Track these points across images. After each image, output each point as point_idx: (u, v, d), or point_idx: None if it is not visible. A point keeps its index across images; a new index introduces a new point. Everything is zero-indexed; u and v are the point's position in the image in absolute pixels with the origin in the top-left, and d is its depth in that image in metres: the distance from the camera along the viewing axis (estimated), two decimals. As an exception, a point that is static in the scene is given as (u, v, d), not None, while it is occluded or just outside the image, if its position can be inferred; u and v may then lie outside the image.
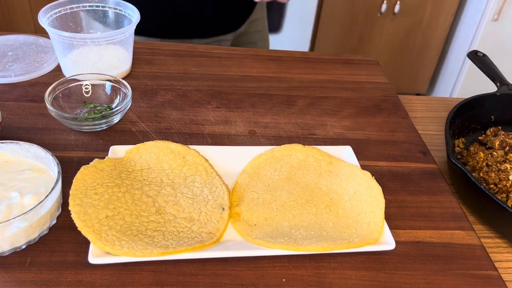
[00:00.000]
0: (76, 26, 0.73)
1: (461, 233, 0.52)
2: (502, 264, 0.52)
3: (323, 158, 0.58)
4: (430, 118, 0.76)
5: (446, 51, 2.30)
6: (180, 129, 0.63)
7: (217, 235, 0.47)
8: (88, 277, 0.43)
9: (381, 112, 0.72)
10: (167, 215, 0.48)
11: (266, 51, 0.86)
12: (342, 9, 2.08)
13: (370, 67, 0.84)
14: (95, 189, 0.47)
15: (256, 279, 0.45)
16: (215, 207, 0.49)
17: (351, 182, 0.54)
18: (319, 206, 0.52)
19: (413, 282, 0.46)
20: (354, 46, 2.20)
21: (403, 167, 0.61)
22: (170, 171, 0.53)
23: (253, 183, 0.54)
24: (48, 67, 0.72)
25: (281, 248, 0.45)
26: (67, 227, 0.47)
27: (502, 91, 0.70)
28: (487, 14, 1.96)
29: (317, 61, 0.84)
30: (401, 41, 2.20)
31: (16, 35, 0.79)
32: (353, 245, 0.46)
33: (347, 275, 0.46)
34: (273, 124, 0.66)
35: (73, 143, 0.58)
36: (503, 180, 0.58)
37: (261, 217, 0.50)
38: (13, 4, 1.97)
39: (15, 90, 0.67)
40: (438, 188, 0.58)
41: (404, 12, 2.10)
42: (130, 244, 0.43)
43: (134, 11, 0.71)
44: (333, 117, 0.69)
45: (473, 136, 0.70)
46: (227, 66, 0.79)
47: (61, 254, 0.45)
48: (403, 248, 0.50)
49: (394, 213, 0.54)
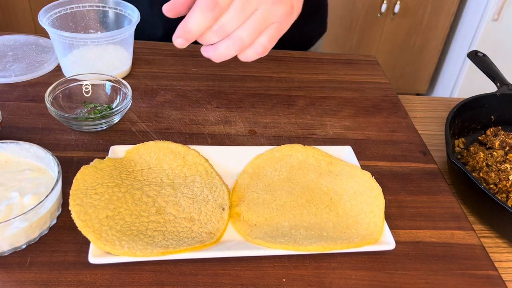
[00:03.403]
0: (76, 26, 0.73)
1: (461, 233, 0.52)
2: (502, 264, 0.52)
3: (323, 158, 0.58)
4: (430, 118, 0.76)
5: (446, 51, 2.30)
6: (180, 129, 0.63)
7: (217, 235, 0.47)
8: (88, 277, 0.43)
9: (381, 112, 0.72)
10: (167, 215, 0.48)
11: (266, 51, 0.86)
12: (342, 9, 2.08)
13: (370, 67, 0.84)
14: (95, 189, 0.47)
15: (256, 279, 0.45)
16: (215, 207, 0.49)
17: (351, 182, 0.54)
18: (319, 206, 0.52)
19: (413, 282, 0.46)
20: (354, 46, 2.20)
21: (403, 167, 0.61)
22: (170, 171, 0.53)
23: (253, 183, 0.54)
24: (48, 67, 0.72)
25: (281, 248, 0.45)
26: (67, 227, 0.47)
27: (502, 91, 0.70)
28: (487, 14, 1.96)
29: (317, 61, 0.84)
30: (401, 41, 2.20)
31: (16, 35, 0.79)
32: (353, 245, 0.46)
33: (347, 275, 0.46)
34: (273, 124, 0.66)
35: (73, 143, 0.58)
36: (503, 180, 0.58)
37: (261, 217, 0.50)
38: (13, 4, 1.97)
39: (15, 90, 0.67)
40: (438, 188, 0.58)
41: (404, 12, 2.10)
42: (130, 244, 0.43)
43: (134, 11, 0.71)
44: (333, 117, 0.69)
45: (473, 136, 0.70)
46: (227, 66, 0.79)
47: (61, 254, 0.45)
48: (403, 248, 0.50)
49: (394, 213, 0.54)
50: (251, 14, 0.46)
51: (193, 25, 0.45)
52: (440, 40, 2.20)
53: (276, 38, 0.50)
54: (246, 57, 0.50)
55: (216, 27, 0.46)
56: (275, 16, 0.48)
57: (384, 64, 2.16)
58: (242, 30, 0.47)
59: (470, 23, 2.09)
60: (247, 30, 0.47)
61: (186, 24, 0.45)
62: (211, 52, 0.49)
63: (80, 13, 0.73)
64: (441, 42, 2.21)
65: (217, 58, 0.49)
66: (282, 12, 0.48)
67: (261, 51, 0.49)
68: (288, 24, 0.50)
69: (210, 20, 0.45)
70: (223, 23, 0.46)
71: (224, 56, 0.49)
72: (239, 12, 0.45)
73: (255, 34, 0.48)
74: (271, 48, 0.50)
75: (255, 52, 0.49)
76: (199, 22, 0.45)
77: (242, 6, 0.45)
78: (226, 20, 0.46)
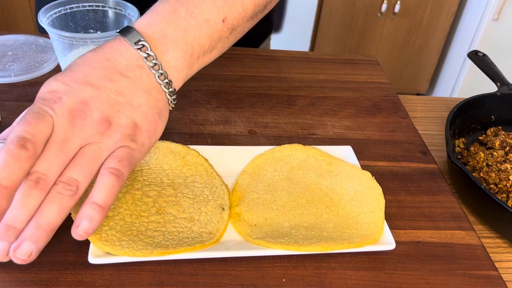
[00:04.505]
0: (76, 26, 0.73)
1: (461, 233, 0.52)
2: (502, 264, 0.52)
3: (324, 158, 0.58)
4: (430, 118, 0.76)
5: (446, 51, 2.30)
6: (180, 129, 0.63)
7: (217, 235, 0.47)
8: (88, 277, 0.43)
9: (381, 112, 0.72)
10: (167, 215, 0.48)
11: (266, 51, 0.86)
12: (342, 9, 2.08)
13: (370, 67, 0.84)
14: (95, 189, 0.47)
15: (256, 279, 0.45)
16: (215, 207, 0.49)
17: (351, 182, 0.54)
18: (320, 207, 0.52)
19: (413, 282, 0.46)
20: (354, 46, 2.20)
21: (403, 167, 0.61)
22: (170, 171, 0.53)
23: (253, 183, 0.54)
24: (48, 67, 0.72)
25: (281, 248, 0.45)
26: (67, 227, 0.47)
27: (503, 91, 0.70)
28: (487, 14, 1.96)
29: (317, 61, 0.84)
30: (401, 41, 2.20)
31: (16, 35, 0.79)
32: (353, 245, 0.46)
33: (347, 275, 0.46)
34: (273, 124, 0.66)
35: (73, 143, 0.58)
36: (503, 180, 0.58)
37: (261, 217, 0.50)
38: (13, 3, 1.97)
39: (15, 90, 0.67)
40: (438, 188, 0.58)
41: (404, 12, 2.10)
42: (130, 244, 0.43)
43: (134, 11, 0.70)
44: (333, 117, 0.69)
45: (473, 136, 0.70)
46: (227, 66, 0.79)
47: (61, 254, 0.45)
48: (403, 248, 0.50)
49: (394, 213, 0.54)
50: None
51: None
52: (440, 40, 2.20)
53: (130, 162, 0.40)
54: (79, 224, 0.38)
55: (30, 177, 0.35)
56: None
57: (384, 64, 2.16)
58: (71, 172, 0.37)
59: (470, 23, 2.08)
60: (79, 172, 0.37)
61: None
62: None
63: (80, 13, 0.73)
64: (441, 42, 2.21)
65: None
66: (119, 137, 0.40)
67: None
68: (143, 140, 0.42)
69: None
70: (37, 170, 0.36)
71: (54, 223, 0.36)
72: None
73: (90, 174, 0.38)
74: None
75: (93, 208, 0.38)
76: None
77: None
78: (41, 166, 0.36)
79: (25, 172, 0.35)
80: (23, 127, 0.36)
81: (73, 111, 0.39)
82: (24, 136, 0.35)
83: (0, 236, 0.35)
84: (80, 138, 0.38)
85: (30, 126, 0.36)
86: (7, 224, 0.35)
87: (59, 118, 0.38)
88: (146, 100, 0.43)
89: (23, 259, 0.35)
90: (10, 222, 0.35)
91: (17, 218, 0.35)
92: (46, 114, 0.37)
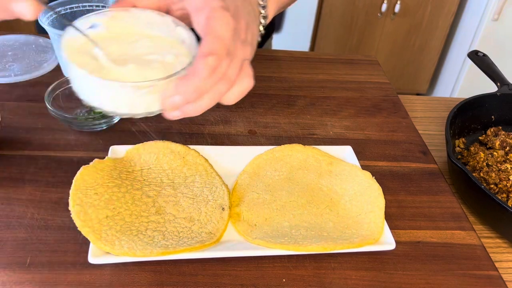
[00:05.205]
0: (76, 26, 0.73)
1: (461, 233, 0.52)
2: (502, 264, 0.52)
3: (324, 158, 0.58)
4: (430, 118, 0.76)
5: (446, 51, 2.30)
6: (180, 129, 0.63)
7: (217, 235, 0.47)
8: (88, 277, 0.43)
9: (381, 112, 0.72)
10: (167, 215, 0.48)
11: (266, 51, 0.86)
12: (342, 9, 2.08)
13: (370, 67, 0.84)
14: (95, 189, 0.47)
15: (256, 279, 0.45)
16: (215, 207, 0.49)
17: (351, 182, 0.54)
18: (320, 206, 0.52)
19: (413, 282, 0.46)
20: (354, 46, 2.20)
21: (403, 167, 0.61)
22: (170, 171, 0.53)
23: (253, 183, 0.54)
24: (48, 67, 0.72)
25: (281, 248, 0.45)
26: (67, 227, 0.47)
27: (503, 91, 0.70)
28: (487, 14, 1.96)
29: (317, 61, 0.84)
30: (401, 41, 2.20)
31: (16, 35, 0.79)
32: (353, 245, 0.46)
33: (347, 275, 0.46)
34: (273, 124, 0.66)
35: (73, 143, 0.58)
36: (503, 180, 0.58)
37: (261, 217, 0.50)
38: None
39: (15, 90, 0.67)
40: (438, 188, 0.58)
41: (404, 12, 2.09)
42: (130, 244, 0.43)
43: (134, 11, 0.70)
44: (333, 117, 0.69)
45: (474, 136, 0.70)
46: (227, 66, 0.79)
47: (61, 254, 0.45)
48: (403, 248, 0.50)
49: (394, 213, 0.54)
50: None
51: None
52: (440, 40, 2.20)
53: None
54: (229, 99, 0.45)
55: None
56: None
57: (384, 64, 2.16)
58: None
59: (470, 23, 2.08)
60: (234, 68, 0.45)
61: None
62: (191, 107, 0.42)
63: (80, 13, 0.73)
64: (441, 42, 2.21)
65: (199, 110, 0.42)
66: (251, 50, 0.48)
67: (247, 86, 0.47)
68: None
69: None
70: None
71: (208, 105, 0.42)
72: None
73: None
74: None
75: (240, 91, 0.47)
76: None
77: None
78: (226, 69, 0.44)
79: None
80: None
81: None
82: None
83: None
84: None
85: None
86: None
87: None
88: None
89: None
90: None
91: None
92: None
